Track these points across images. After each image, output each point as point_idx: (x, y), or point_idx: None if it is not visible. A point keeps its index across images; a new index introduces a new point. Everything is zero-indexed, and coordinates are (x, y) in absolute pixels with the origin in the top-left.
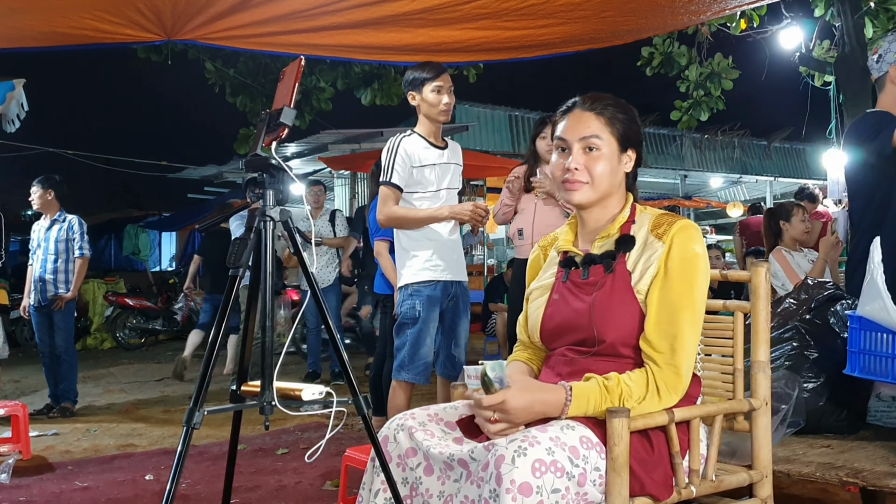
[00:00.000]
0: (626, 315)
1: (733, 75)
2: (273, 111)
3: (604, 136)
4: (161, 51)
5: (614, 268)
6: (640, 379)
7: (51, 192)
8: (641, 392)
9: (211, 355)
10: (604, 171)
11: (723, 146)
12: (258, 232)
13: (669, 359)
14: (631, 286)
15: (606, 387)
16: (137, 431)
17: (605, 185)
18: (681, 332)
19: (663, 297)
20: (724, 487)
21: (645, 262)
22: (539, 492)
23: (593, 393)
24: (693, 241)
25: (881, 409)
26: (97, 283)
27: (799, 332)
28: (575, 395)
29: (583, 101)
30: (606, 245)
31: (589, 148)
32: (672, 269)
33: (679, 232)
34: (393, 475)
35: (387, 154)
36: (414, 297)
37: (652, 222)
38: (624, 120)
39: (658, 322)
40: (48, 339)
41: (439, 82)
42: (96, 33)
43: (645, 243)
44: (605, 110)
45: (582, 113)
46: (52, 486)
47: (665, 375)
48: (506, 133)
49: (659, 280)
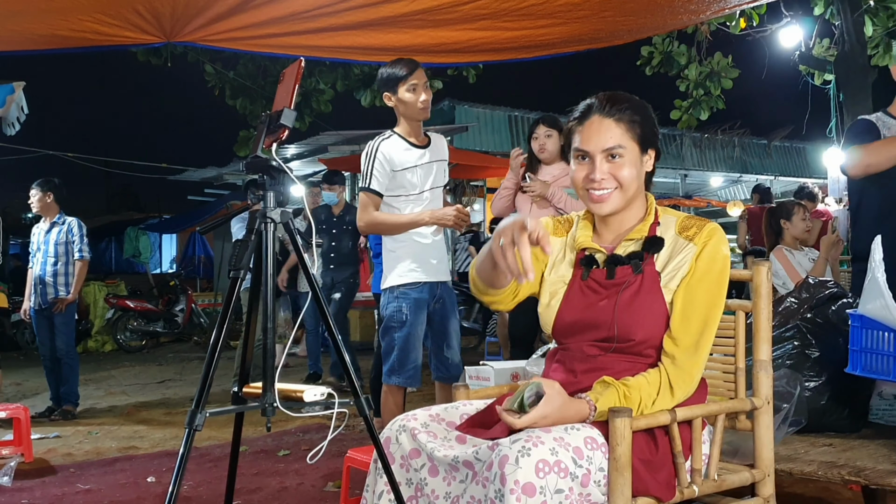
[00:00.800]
0: (656, 315)
1: (733, 74)
2: (273, 113)
3: (626, 144)
4: (161, 53)
5: (643, 269)
6: (654, 380)
7: (50, 194)
8: (656, 393)
9: (212, 357)
10: (630, 175)
11: (723, 145)
12: (259, 234)
13: (690, 356)
14: (660, 287)
15: (626, 396)
16: (139, 434)
17: (633, 189)
18: (707, 330)
19: (691, 297)
20: (726, 487)
21: (676, 263)
22: (542, 492)
23: (612, 399)
24: (723, 243)
25: (883, 408)
26: (98, 285)
27: (800, 331)
28: (598, 413)
29: (600, 106)
30: (633, 246)
31: (612, 156)
32: (701, 269)
33: (711, 234)
34: (396, 476)
35: (365, 158)
36: (400, 300)
37: (679, 224)
38: (642, 121)
39: (686, 319)
40: (49, 342)
41: (414, 80)
42: (96, 36)
43: (674, 245)
44: (623, 115)
45: (602, 120)
46: (54, 488)
47: (681, 373)
48: (506, 133)
49: (689, 279)
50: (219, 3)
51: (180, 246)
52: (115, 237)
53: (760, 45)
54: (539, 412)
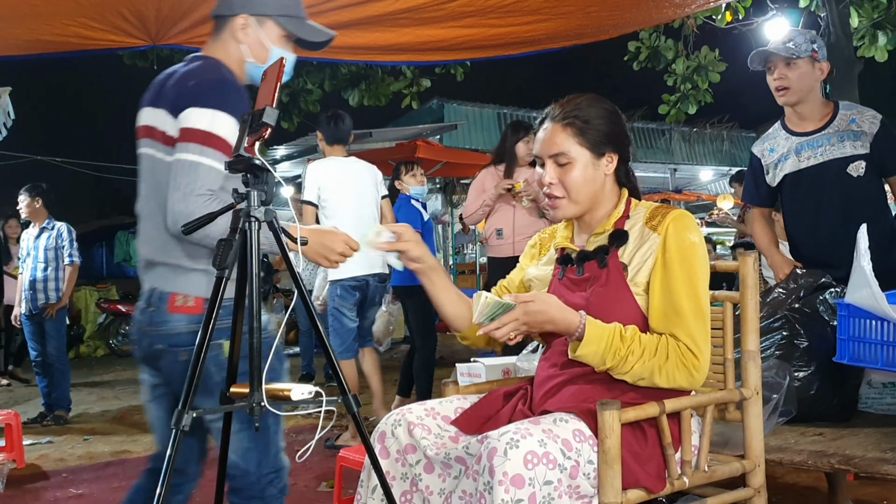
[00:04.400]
0: (623, 309)
1: (720, 68)
2: (255, 111)
3: (572, 150)
4: (147, 56)
5: (607, 262)
6: (653, 340)
7: (39, 200)
8: (652, 353)
9: (198, 357)
10: (577, 182)
11: (712, 139)
12: (243, 233)
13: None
14: (626, 281)
15: (622, 334)
16: (132, 438)
17: (584, 195)
18: (684, 322)
19: (664, 289)
20: (716, 478)
21: (642, 255)
22: (531, 483)
23: (606, 331)
24: (688, 229)
25: (872, 396)
26: (89, 290)
27: (789, 322)
28: (588, 321)
29: (553, 112)
30: (600, 241)
31: (559, 164)
32: (670, 260)
33: (673, 222)
34: (391, 470)
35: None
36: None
37: (646, 215)
38: (597, 125)
39: (663, 313)
40: (40, 348)
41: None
42: (81, 40)
43: (641, 236)
44: (573, 121)
45: (551, 126)
46: (46, 494)
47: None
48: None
49: (658, 271)
50: (203, 5)
51: None
52: (106, 242)
53: (747, 38)
54: (520, 311)
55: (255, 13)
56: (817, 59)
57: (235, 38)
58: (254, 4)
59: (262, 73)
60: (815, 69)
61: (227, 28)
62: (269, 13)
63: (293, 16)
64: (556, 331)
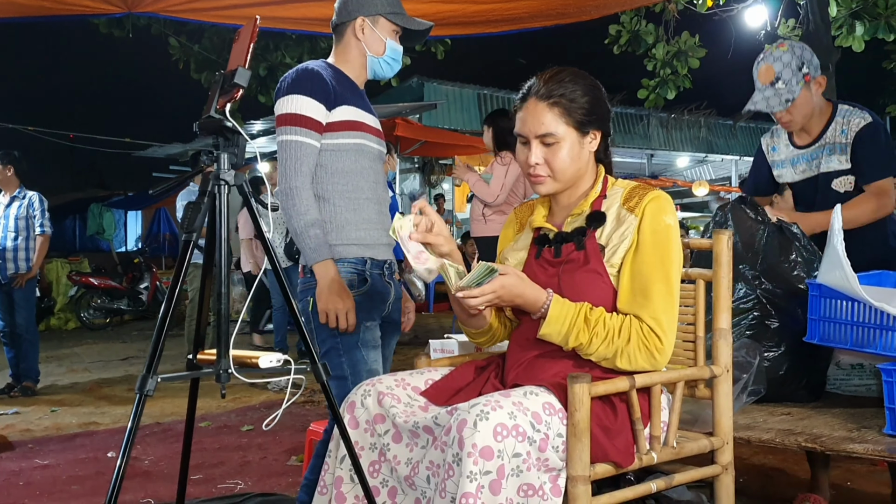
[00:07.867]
0: (597, 290)
1: (700, 53)
2: (227, 72)
3: (559, 130)
4: (123, 25)
5: (585, 244)
6: (616, 321)
7: (10, 168)
8: (616, 334)
9: (164, 322)
10: (564, 161)
11: (689, 125)
12: (212, 196)
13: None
14: (602, 262)
15: (587, 316)
16: (100, 410)
17: (569, 174)
18: (650, 304)
19: (635, 270)
20: (685, 454)
21: (619, 236)
22: (500, 456)
23: (571, 312)
24: (664, 212)
25: (840, 377)
26: (61, 262)
27: (760, 302)
28: (554, 301)
29: (537, 88)
30: (577, 222)
31: (546, 143)
32: (643, 241)
33: (650, 203)
34: (360, 440)
35: None
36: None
37: (624, 195)
38: (583, 103)
39: (632, 294)
40: (9, 318)
41: None
42: (55, 4)
43: (618, 217)
44: (559, 100)
45: (536, 104)
46: (11, 464)
47: (651, 337)
48: (474, 111)
49: (631, 253)
50: None
51: (145, 223)
52: (80, 214)
53: (727, 24)
54: (498, 282)
55: (368, 14)
56: (812, 79)
57: (356, 37)
58: (367, 6)
59: (236, 34)
60: (813, 90)
61: (348, 31)
62: (380, 12)
63: (398, 12)
64: (524, 306)
